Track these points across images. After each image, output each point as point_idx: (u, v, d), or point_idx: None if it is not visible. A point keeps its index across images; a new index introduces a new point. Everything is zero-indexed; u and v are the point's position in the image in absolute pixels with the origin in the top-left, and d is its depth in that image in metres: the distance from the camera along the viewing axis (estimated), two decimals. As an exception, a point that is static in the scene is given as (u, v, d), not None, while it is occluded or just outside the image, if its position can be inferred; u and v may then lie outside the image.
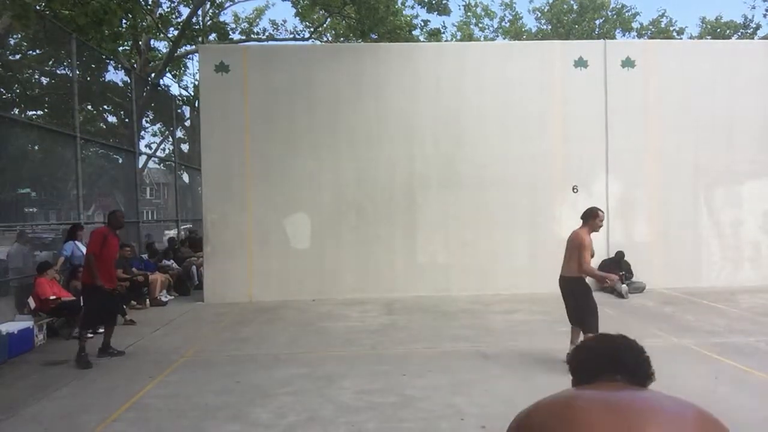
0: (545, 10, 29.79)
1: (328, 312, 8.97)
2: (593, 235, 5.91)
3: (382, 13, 15.32)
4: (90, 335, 7.07)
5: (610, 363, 1.59)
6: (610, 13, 28.94)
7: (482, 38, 29.50)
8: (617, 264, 10.18)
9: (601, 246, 10.58)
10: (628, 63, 10.69)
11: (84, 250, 7.73)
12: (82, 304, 6.84)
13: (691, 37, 27.83)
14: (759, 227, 10.83)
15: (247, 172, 10.29)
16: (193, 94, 21.68)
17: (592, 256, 5.81)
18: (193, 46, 18.94)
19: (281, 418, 4.46)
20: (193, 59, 21.31)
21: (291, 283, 10.24)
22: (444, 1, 16.26)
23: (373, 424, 4.31)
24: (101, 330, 7.74)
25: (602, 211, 5.90)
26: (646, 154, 10.68)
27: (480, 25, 30.59)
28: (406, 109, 10.47)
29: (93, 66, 12.90)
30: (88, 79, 12.66)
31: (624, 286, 9.74)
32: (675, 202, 10.69)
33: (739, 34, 26.55)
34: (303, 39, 21.29)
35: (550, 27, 29.48)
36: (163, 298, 10.15)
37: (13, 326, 6.74)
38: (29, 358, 6.55)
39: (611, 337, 1.71)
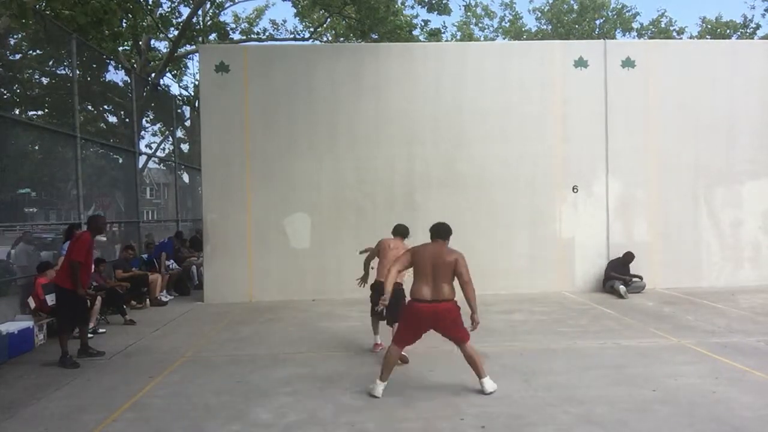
0: (545, 10, 29.79)
1: (328, 312, 8.96)
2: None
3: (382, 13, 15.33)
4: (91, 335, 7.09)
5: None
6: (610, 13, 28.95)
7: (482, 38, 29.51)
8: (624, 265, 10.14)
9: (601, 247, 10.61)
10: (628, 63, 10.68)
11: None
12: (55, 305, 6.82)
13: (691, 37, 27.83)
14: (759, 227, 10.82)
15: (247, 172, 10.29)
16: (193, 94, 21.69)
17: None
18: (193, 46, 18.95)
19: (281, 418, 4.46)
20: (193, 59, 21.33)
21: (291, 283, 10.23)
22: (444, 1, 16.26)
23: (373, 424, 4.32)
24: (101, 330, 7.77)
25: None
26: (646, 154, 10.68)
27: (480, 25, 30.63)
28: (406, 109, 10.46)
29: (93, 66, 12.90)
30: (88, 79, 12.66)
31: (622, 287, 9.72)
32: (675, 202, 10.68)
33: (739, 34, 26.55)
34: (303, 39, 21.29)
35: (550, 27, 29.48)
36: (163, 298, 10.16)
37: (13, 326, 6.74)
38: (29, 358, 6.55)
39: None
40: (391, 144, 10.46)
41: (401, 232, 6.67)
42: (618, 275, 9.97)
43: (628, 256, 10.15)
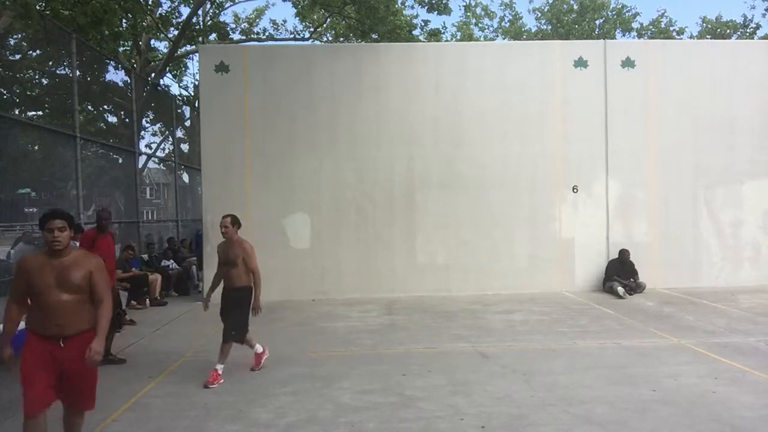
0: (545, 10, 29.77)
1: (328, 312, 8.97)
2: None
3: (382, 13, 15.34)
4: (118, 332, 7.08)
5: None
6: (610, 13, 28.93)
7: (482, 38, 29.50)
8: (621, 264, 10.13)
9: (601, 246, 10.61)
10: (628, 63, 10.68)
11: None
12: None
13: (691, 37, 27.84)
14: (759, 227, 10.83)
15: (247, 172, 10.29)
16: (193, 94, 21.69)
17: None
18: (193, 46, 18.95)
19: (281, 418, 4.47)
20: (193, 59, 21.31)
21: (291, 283, 10.24)
22: (444, 1, 16.27)
23: (373, 424, 4.32)
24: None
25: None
26: (646, 154, 10.68)
27: (480, 25, 30.60)
28: (406, 109, 10.47)
29: (93, 66, 12.90)
30: (88, 79, 12.66)
31: (620, 288, 9.71)
32: (675, 202, 10.69)
33: (739, 34, 26.56)
34: (303, 39, 21.29)
35: (550, 27, 29.47)
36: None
37: (13, 326, 6.73)
38: (29, 358, 6.54)
39: None
40: (391, 144, 10.46)
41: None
42: (618, 278, 9.96)
43: (624, 254, 10.15)
